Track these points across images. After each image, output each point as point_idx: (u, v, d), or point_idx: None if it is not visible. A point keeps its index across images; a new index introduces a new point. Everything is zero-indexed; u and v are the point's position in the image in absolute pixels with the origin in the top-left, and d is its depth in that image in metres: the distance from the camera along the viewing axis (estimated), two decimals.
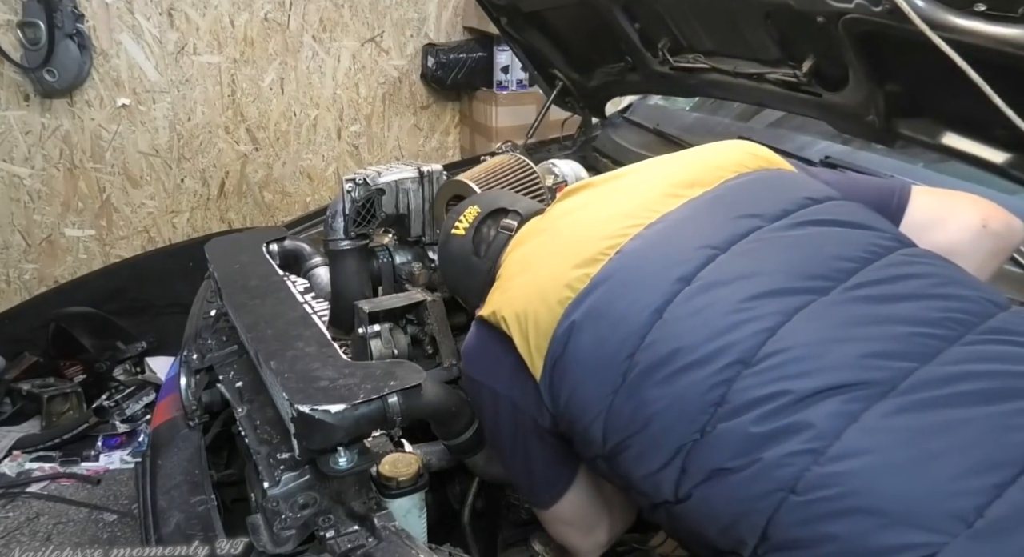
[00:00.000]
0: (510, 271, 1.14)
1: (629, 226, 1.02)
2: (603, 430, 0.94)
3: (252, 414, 1.25)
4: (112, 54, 2.95)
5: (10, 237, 3.01)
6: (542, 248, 1.11)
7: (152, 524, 1.26)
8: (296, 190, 3.47)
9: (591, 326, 0.96)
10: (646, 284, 0.95)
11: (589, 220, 1.09)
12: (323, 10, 3.27)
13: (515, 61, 3.21)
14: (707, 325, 0.89)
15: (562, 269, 1.02)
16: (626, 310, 0.94)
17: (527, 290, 1.04)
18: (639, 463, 0.92)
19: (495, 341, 1.05)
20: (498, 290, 1.11)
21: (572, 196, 1.19)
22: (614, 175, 1.20)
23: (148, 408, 2.82)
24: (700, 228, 0.99)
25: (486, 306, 1.09)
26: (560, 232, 1.12)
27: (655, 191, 1.08)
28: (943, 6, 1.13)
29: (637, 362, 0.91)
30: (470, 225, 1.29)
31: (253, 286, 1.41)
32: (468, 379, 1.13)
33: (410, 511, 1.10)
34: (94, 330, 3.01)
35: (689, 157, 1.16)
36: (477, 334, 1.11)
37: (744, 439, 0.83)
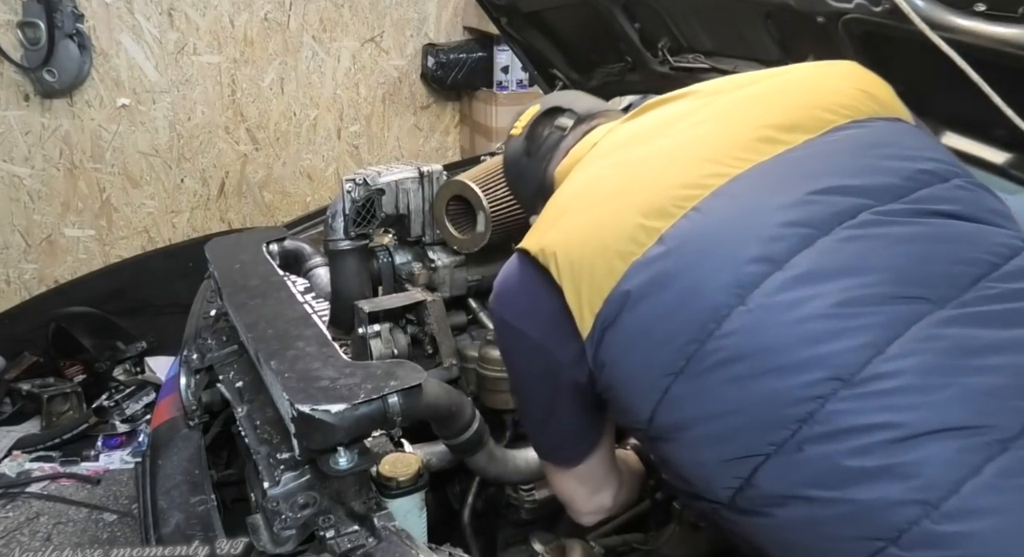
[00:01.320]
0: (565, 198, 1.00)
1: (710, 175, 0.87)
2: (652, 411, 0.84)
3: (252, 414, 1.25)
4: (112, 54, 2.95)
5: (10, 237, 3.01)
6: (606, 180, 0.97)
7: (152, 524, 1.26)
8: (296, 190, 3.47)
9: (655, 294, 0.83)
10: (726, 257, 0.82)
11: (664, 157, 0.93)
12: (323, 10, 3.27)
13: (515, 61, 3.21)
14: (801, 327, 0.77)
15: (627, 215, 0.88)
16: (699, 284, 0.81)
17: (584, 233, 0.90)
18: (691, 456, 0.84)
19: (538, 282, 0.92)
20: (549, 223, 0.96)
21: (651, 112, 1.05)
22: (699, 92, 1.03)
23: (148, 408, 2.82)
24: (797, 196, 0.83)
25: (533, 239, 0.96)
26: (629, 164, 0.96)
27: (746, 130, 0.91)
28: (943, 6, 1.13)
29: (709, 351, 0.79)
30: (526, 125, 1.22)
31: (253, 286, 1.41)
32: (498, 320, 1.02)
33: (410, 511, 1.10)
34: (94, 330, 3.01)
35: (793, 86, 0.98)
36: (517, 270, 0.98)
37: (835, 471, 0.73)
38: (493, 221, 1.43)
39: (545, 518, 1.45)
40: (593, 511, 1.14)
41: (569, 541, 1.24)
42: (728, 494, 0.80)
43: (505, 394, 1.41)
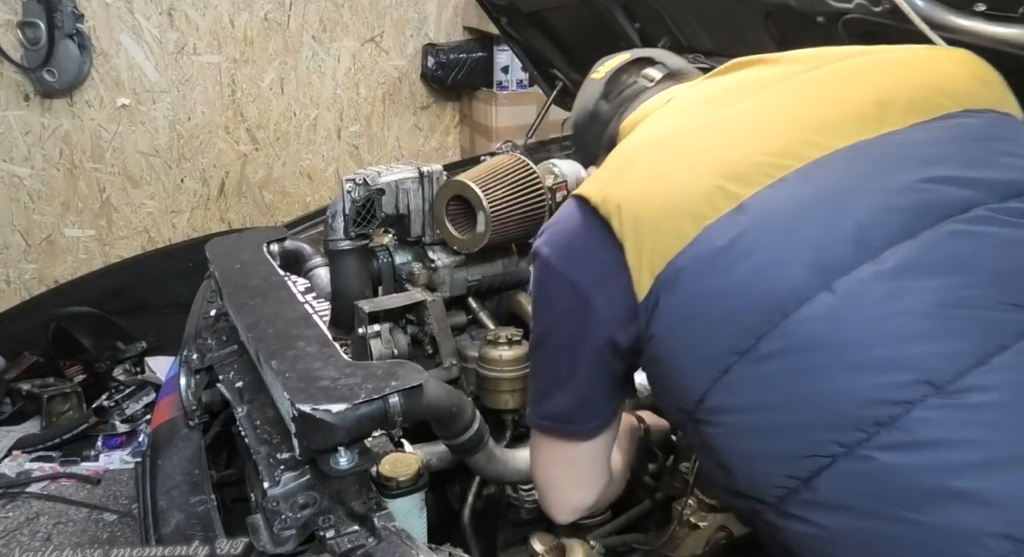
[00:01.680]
0: (633, 149, 0.94)
1: (806, 144, 0.81)
2: (705, 391, 0.78)
3: (252, 414, 1.25)
4: (112, 54, 2.95)
5: (10, 237, 3.01)
6: (683, 136, 0.90)
7: (152, 524, 1.26)
8: (296, 190, 3.47)
9: (728, 264, 0.77)
10: (815, 235, 0.75)
11: (753, 120, 0.87)
12: (323, 10, 3.27)
13: (515, 61, 3.21)
14: (893, 322, 0.70)
15: (704, 175, 0.82)
16: (781, 261, 0.75)
17: (654, 188, 0.84)
18: (742, 447, 0.77)
19: (595, 232, 0.86)
20: (612, 173, 0.90)
21: (735, 73, 0.98)
22: (792, 59, 0.96)
23: (148, 408, 2.82)
24: (903, 181, 0.76)
25: (594, 187, 0.89)
26: (711, 123, 0.90)
27: (850, 103, 0.85)
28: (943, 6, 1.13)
29: (782, 333, 0.73)
30: (610, 70, 1.14)
31: (253, 286, 1.41)
32: (542, 262, 0.94)
33: (410, 511, 1.10)
34: (94, 330, 3.01)
35: (902, 64, 0.91)
36: (574, 215, 0.91)
37: (912, 486, 0.67)
38: (493, 221, 1.43)
39: (545, 518, 1.45)
40: (569, 509, 1.08)
41: (569, 541, 1.24)
42: (778, 495, 0.74)
43: (505, 394, 1.41)
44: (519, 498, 1.41)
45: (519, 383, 1.41)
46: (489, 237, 1.45)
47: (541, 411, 1.01)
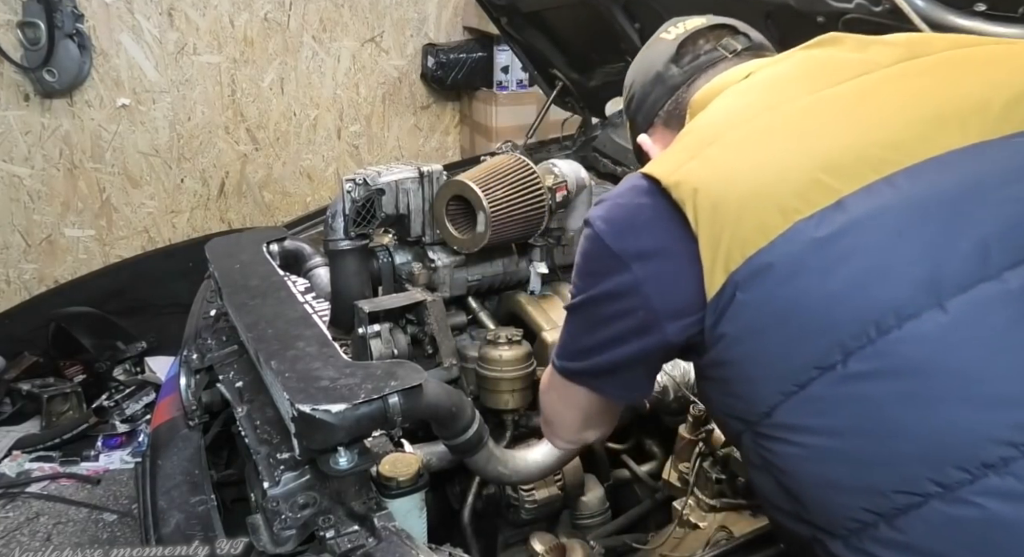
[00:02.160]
0: (713, 126, 0.85)
1: (918, 139, 0.72)
2: (776, 406, 0.71)
3: (252, 414, 1.25)
4: (112, 54, 2.95)
5: (10, 237, 3.01)
6: (773, 117, 0.81)
7: (152, 524, 1.26)
8: (296, 190, 3.47)
9: (819, 267, 0.69)
10: (929, 244, 0.67)
11: (855, 107, 0.78)
12: (323, 10, 3.27)
13: (515, 61, 3.21)
14: (1018, 353, 0.63)
15: (800, 164, 0.73)
16: (886, 270, 0.67)
17: (737, 172, 0.76)
18: (815, 471, 0.70)
19: (664, 218, 0.79)
20: (688, 151, 0.82)
21: (825, 49, 0.89)
22: (894, 42, 0.86)
23: (148, 408, 2.82)
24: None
25: (666, 167, 0.81)
26: (804, 107, 0.80)
27: (969, 98, 0.75)
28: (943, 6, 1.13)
29: (878, 352, 0.65)
30: (683, 32, 1.04)
31: (253, 286, 1.41)
32: (594, 234, 0.85)
33: (410, 511, 1.10)
34: (94, 330, 3.01)
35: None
36: (639, 193, 0.83)
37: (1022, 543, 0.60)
38: (493, 221, 1.43)
39: (545, 518, 1.46)
40: (572, 441, 1.11)
41: (569, 541, 1.24)
42: (850, 527, 0.68)
43: (505, 394, 1.41)
44: (519, 498, 1.41)
45: (519, 383, 1.41)
46: (489, 237, 1.45)
47: (571, 365, 0.96)
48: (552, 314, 1.53)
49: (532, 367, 1.43)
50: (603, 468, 1.53)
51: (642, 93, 1.08)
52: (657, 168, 0.82)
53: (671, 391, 1.41)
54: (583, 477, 1.46)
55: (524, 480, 1.30)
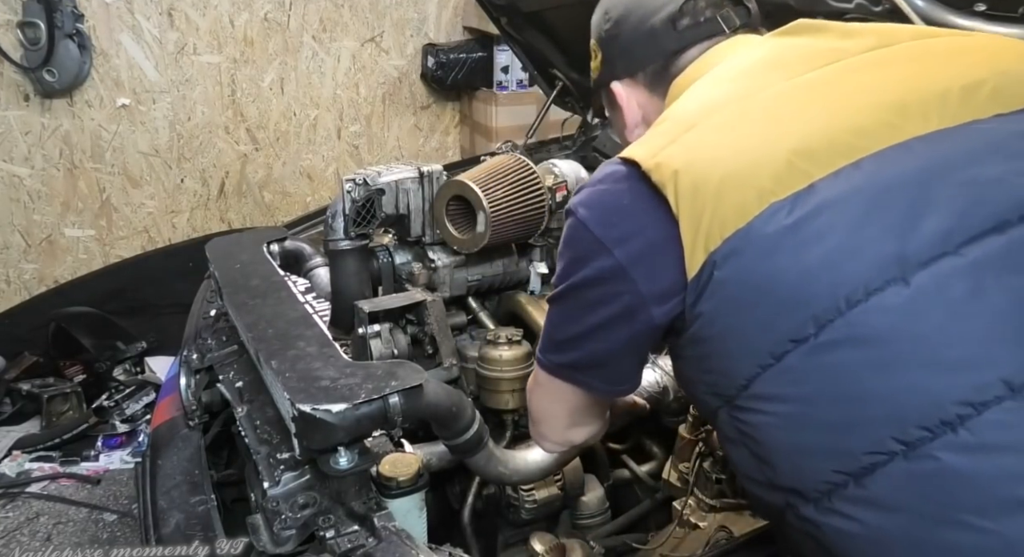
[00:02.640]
0: (693, 110, 0.88)
1: (883, 126, 0.77)
2: (752, 378, 0.75)
3: (252, 414, 1.25)
4: (112, 54, 2.95)
5: (10, 237, 3.01)
6: (752, 102, 0.84)
7: (152, 524, 1.26)
8: (296, 190, 3.47)
9: (793, 246, 0.73)
10: (894, 223, 0.71)
11: (826, 94, 0.82)
12: (323, 10, 3.27)
13: (515, 61, 3.21)
14: (974, 321, 0.68)
15: (774, 147, 0.77)
16: (854, 248, 0.71)
17: (716, 156, 0.79)
18: (788, 438, 0.74)
19: (644, 201, 0.81)
20: (668, 136, 0.84)
21: (804, 36, 0.92)
22: (867, 31, 0.90)
23: (148, 408, 2.82)
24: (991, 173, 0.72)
25: (646, 150, 0.83)
26: (781, 92, 0.84)
27: (931, 87, 0.79)
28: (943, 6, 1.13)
29: (848, 324, 0.70)
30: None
31: (254, 286, 1.41)
32: (577, 222, 0.88)
33: (410, 511, 1.10)
34: (94, 330, 3.01)
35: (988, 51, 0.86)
36: (619, 178, 0.86)
37: (980, 492, 0.65)
38: (493, 221, 1.43)
39: (545, 518, 1.46)
40: (559, 442, 1.11)
41: (569, 541, 1.24)
42: (821, 490, 0.72)
43: (505, 394, 1.41)
44: (519, 498, 1.41)
45: (519, 383, 1.41)
46: (489, 237, 1.45)
47: (555, 358, 0.98)
48: None
49: (532, 367, 1.43)
50: (603, 468, 1.53)
51: (630, 41, 1.06)
52: (636, 152, 0.84)
53: (671, 391, 1.41)
54: (583, 477, 1.46)
55: (524, 480, 1.30)
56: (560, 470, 1.37)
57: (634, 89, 1.08)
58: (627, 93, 1.09)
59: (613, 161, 0.88)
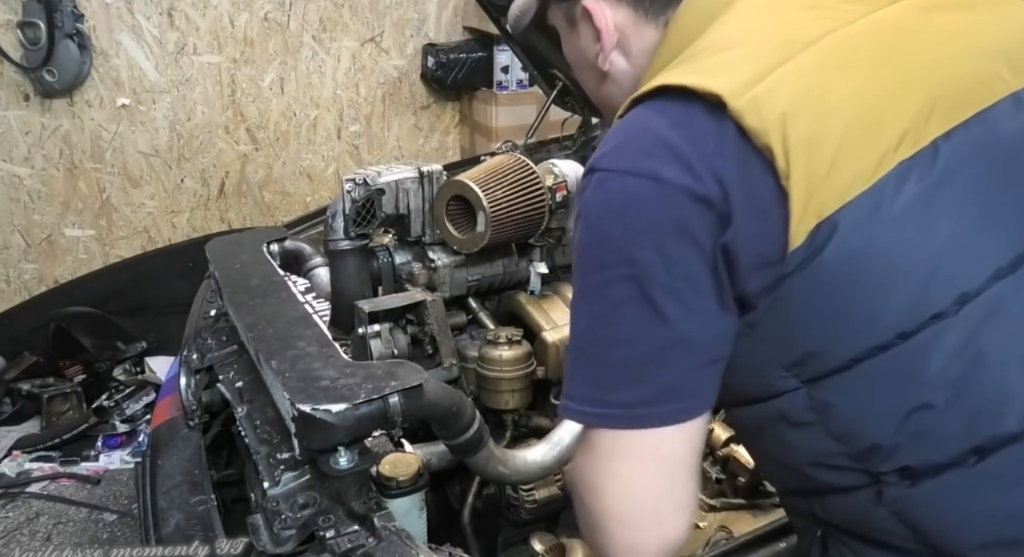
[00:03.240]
0: (776, 34, 0.72)
1: (998, 77, 0.70)
2: (865, 353, 0.67)
3: (252, 414, 1.25)
4: (112, 54, 2.95)
5: (10, 237, 3.01)
6: (852, 34, 0.71)
7: (152, 524, 1.26)
8: (296, 190, 3.47)
9: (923, 216, 0.65)
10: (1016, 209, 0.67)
11: (932, 28, 0.72)
12: (323, 10, 3.27)
13: (515, 61, 3.21)
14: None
15: (894, 95, 0.67)
16: (990, 220, 0.66)
17: (835, 98, 0.66)
18: (891, 401, 0.68)
19: (731, 147, 0.66)
20: (756, 65, 0.68)
21: None
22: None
23: (148, 408, 2.82)
24: None
25: (728, 80, 0.67)
26: (884, 25, 0.72)
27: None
28: None
29: (999, 295, 0.65)
30: None
31: (254, 286, 1.41)
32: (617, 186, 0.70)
33: (410, 511, 1.10)
34: (94, 330, 3.01)
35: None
36: (685, 119, 0.68)
37: None
38: (493, 221, 1.43)
39: (545, 518, 1.46)
40: (665, 538, 0.72)
41: (569, 541, 1.24)
42: (908, 452, 0.67)
43: (505, 394, 1.41)
44: (519, 498, 1.41)
45: (519, 383, 1.41)
46: (489, 237, 1.45)
47: (617, 397, 0.72)
48: (552, 314, 1.53)
49: (532, 367, 1.44)
50: None
51: None
52: (708, 80, 0.67)
53: None
54: None
55: (524, 480, 1.30)
56: (560, 470, 1.37)
57: (615, 6, 0.86)
58: (604, 11, 0.85)
59: (659, 100, 0.70)
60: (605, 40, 0.87)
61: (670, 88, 0.70)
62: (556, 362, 1.47)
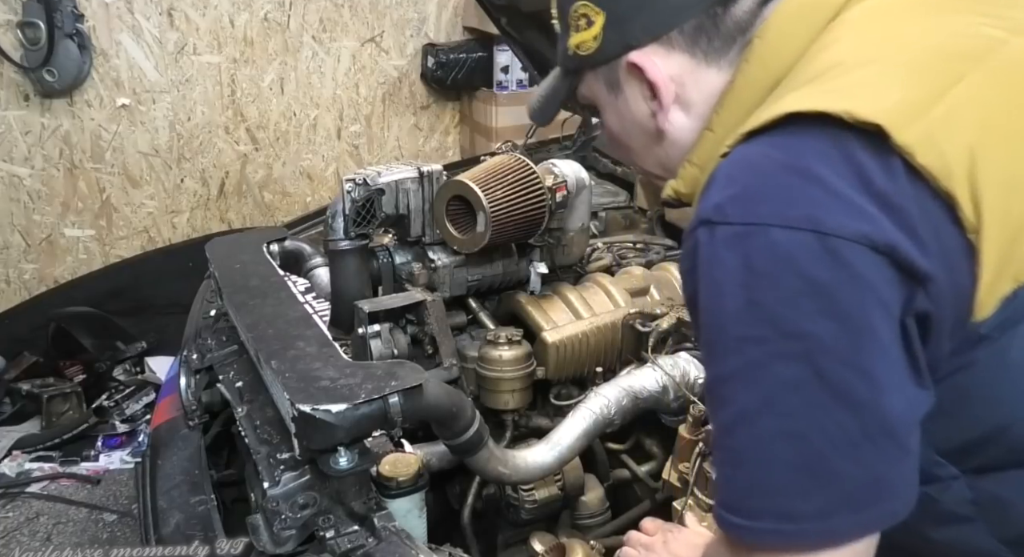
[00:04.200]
0: (926, 52, 0.60)
1: None
2: None
3: (252, 414, 1.25)
4: (112, 54, 2.95)
5: (10, 237, 3.01)
6: (1009, 54, 0.60)
7: (152, 524, 1.26)
8: (296, 190, 3.47)
9: None
10: None
11: None
12: (323, 10, 3.27)
13: (515, 61, 3.21)
14: None
15: None
16: None
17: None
18: None
19: (904, 190, 0.55)
20: (923, 88, 0.57)
21: None
22: None
23: (148, 408, 2.82)
24: None
25: (902, 106, 0.56)
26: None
27: None
28: None
29: None
30: None
31: (254, 286, 1.41)
32: (790, 241, 0.56)
33: (410, 511, 1.10)
34: (94, 330, 3.01)
35: None
36: (833, 152, 0.56)
37: None
38: (493, 221, 1.43)
39: (545, 518, 1.46)
40: None
41: (569, 541, 1.24)
42: None
43: (505, 394, 1.41)
44: (519, 498, 1.41)
45: (519, 383, 1.41)
46: (489, 237, 1.44)
47: (788, 506, 0.58)
48: (552, 314, 1.53)
49: (532, 367, 1.44)
50: (603, 468, 1.53)
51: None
52: (868, 106, 0.55)
53: (671, 391, 1.42)
54: (583, 477, 1.46)
55: (524, 480, 1.30)
56: (560, 470, 1.37)
57: (667, 56, 0.76)
58: (656, 63, 0.76)
59: (778, 128, 0.59)
60: (663, 95, 0.77)
61: (802, 115, 0.57)
62: (556, 362, 1.47)
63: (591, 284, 1.63)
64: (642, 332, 1.50)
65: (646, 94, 0.79)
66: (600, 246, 1.87)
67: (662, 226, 2.06)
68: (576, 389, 1.54)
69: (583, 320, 1.52)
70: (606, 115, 0.87)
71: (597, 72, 0.83)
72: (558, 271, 1.64)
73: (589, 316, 1.53)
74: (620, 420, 1.37)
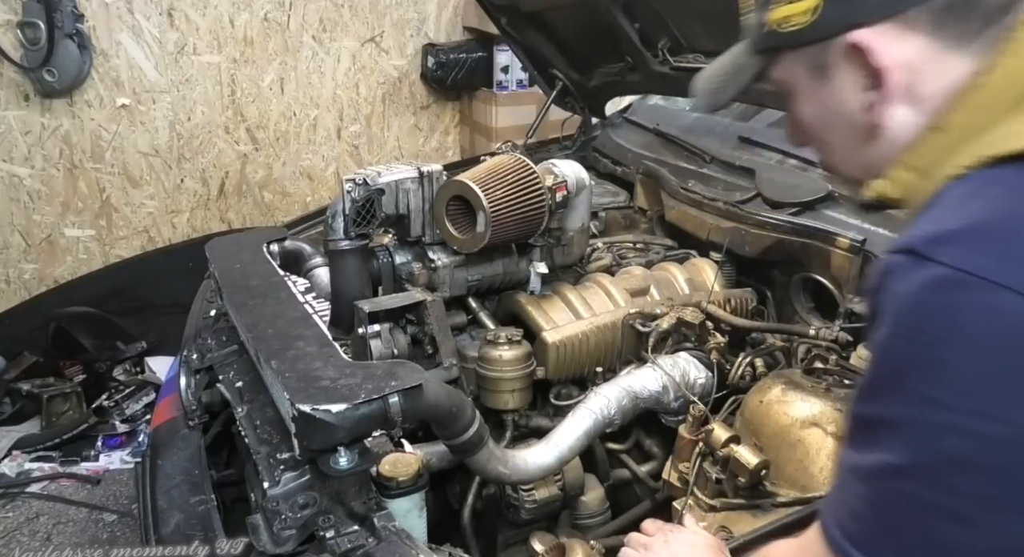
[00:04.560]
0: None
1: None
2: None
3: (252, 414, 1.25)
4: (112, 54, 2.95)
5: (10, 237, 3.01)
6: None
7: (152, 524, 1.26)
8: (296, 190, 3.47)
9: None
10: None
11: None
12: (323, 10, 3.27)
13: (515, 61, 3.21)
14: None
15: None
16: None
17: None
18: None
19: None
20: None
21: None
22: None
23: (148, 408, 2.82)
24: None
25: None
26: None
27: None
28: None
29: None
30: None
31: (254, 286, 1.41)
32: (958, 275, 0.51)
33: (410, 511, 1.10)
34: (94, 330, 3.02)
35: None
36: None
37: None
38: (493, 221, 1.43)
39: (545, 518, 1.46)
40: None
41: (569, 541, 1.24)
42: None
43: (505, 394, 1.41)
44: (519, 498, 1.41)
45: (519, 383, 1.41)
46: (489, 237, 1.44)
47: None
48: (552, 314, 1.53)
49: (532, 367, 1.44)
50: (603, 468, 1.53)
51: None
52: None
53: (671, 391, 1.42)
54: (583, 477, 1.46)
55: (524, 480, 1.30)
56: (560, 470, 1.37)
57: (900, 38, 0.63)
58: (888, 46, 0.63)
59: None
60: (891, 83, 0.64)
61: None
62: (556, 362, 1.47)
63: (591, 284, 1.63)
64: (642, 332, 1.51)
65: (865, 83, 0.66)
66: (600, 246, 1.87)
67: (662, 226, 2.06)
68: (576, 389, 1.54)
69: (583, 320, 1.52)
70: (801, 104, 0.74)
71: (800, 53, 0.70)
72: (558, 271, 1.64)
73: (589, 316, 1.53)
74: (620, 420, 1.37)
